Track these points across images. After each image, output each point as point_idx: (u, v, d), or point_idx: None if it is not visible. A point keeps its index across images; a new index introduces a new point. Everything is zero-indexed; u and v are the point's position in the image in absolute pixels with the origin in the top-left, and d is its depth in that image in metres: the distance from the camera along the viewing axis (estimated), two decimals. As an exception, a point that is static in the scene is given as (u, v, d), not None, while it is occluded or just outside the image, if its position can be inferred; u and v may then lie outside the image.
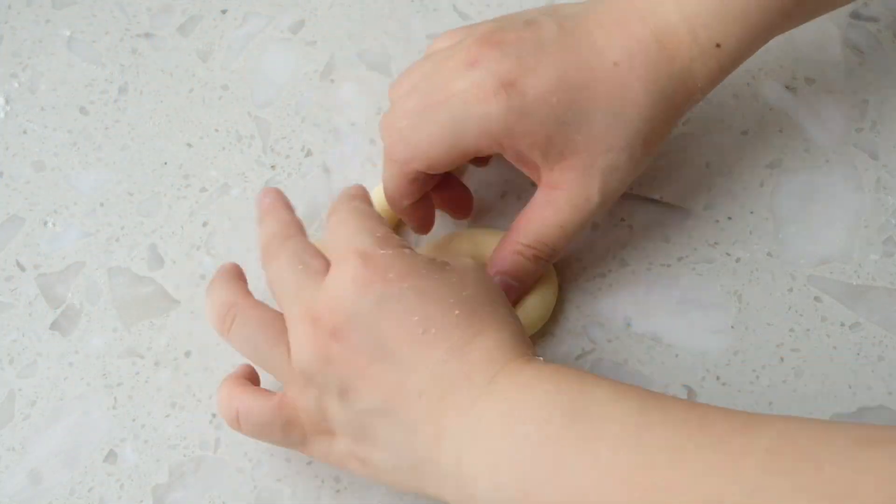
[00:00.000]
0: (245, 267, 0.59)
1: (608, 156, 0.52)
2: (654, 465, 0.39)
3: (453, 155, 0.52)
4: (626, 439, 0.40)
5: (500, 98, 0.50)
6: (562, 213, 0.53)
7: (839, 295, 0.58)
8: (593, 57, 0.51)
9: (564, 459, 0.41)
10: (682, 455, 0.39)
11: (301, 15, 0.66)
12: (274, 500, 0.54)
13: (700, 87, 0.53)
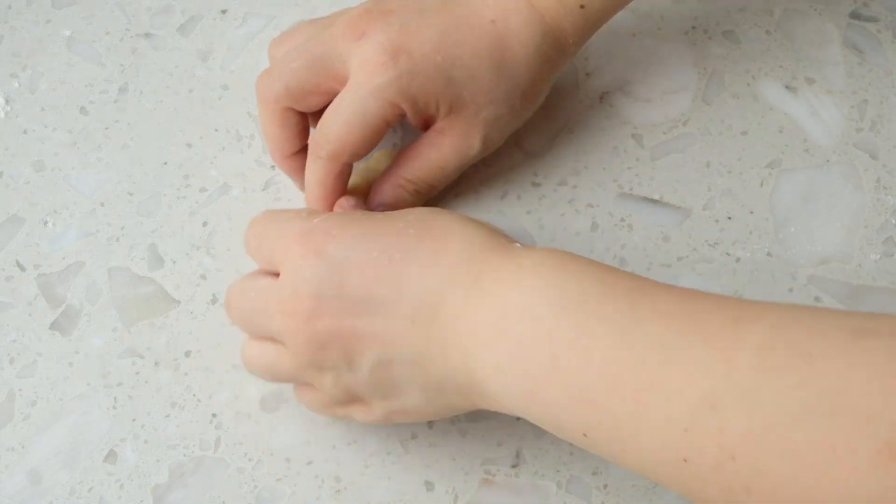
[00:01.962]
0: (245, 266, 0.59)
1: (490, 108, 0.55)
2: (645, 362, 0.39)
3: (368, 135, 0.54)
4: (616, 337, 0.40)
5: (388, 67, 0.53)
6: (445, 156, 0.56)
7: (839, 295, 0.58)
8: (471, 16, 0.54)
9: (559, 359, 0.41)
10: (673, 353, 0.39)
11: (301, 15, 0.66)
12: (274, 500, 0.54)
13: (572, 42, 0.56)
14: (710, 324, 0.39)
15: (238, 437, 0.55)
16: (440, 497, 0.54)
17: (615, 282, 0.43)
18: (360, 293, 0.46)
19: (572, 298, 0.42)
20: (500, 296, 0.43)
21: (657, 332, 0.40)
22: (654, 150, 0.62)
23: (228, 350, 0.57)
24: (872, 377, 0.35)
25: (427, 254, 0.46)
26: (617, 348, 0.40)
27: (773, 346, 0.37)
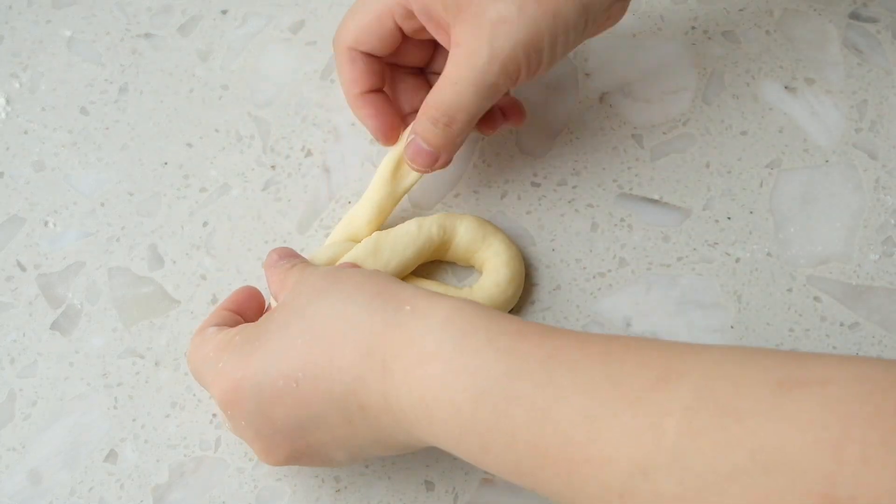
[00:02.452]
0: (245, 266, 0.59)
1: (497, 5, 0.51)
2: (573, 439, 0.38)
3: (372, 23, 0.54)
4: (538, 415, 0.39)
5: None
6: (454, 67, 0.52)
7: (839, 295, 0.58)
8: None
9: (488, 443, 0.41)
10: (600, 424, 0.38)
11: (301, 15, 0.66)
12: (274, 499, 0.54)
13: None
14: (634, 387, 0.38)
15: (238, 437, 0.55)
16: (440, 497, 0.54)
17: (527, 352, 0.41)
18: (291, 420, 0.46)
19: (485, 383, 0.41)
20: (414, 387, 0.43)
21: (581, 405, 0.38)
22: (654, 150, 0.62)
23: (228, 350, 0.57)
24: (803, 430, 0.34)
25: (324, 363, 0.45)
26: (541, 428, 0.39)
27: (699, 408, 0.36)
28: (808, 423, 0.34)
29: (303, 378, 0.45)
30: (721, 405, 0.36)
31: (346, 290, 0.46)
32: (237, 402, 0.47)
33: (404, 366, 0.43)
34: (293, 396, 0.45)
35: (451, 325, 0.43)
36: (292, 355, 0.46)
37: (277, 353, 0.46)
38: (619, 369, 0.39)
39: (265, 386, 0.46)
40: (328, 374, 0.45)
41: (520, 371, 0.40)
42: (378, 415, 0.44)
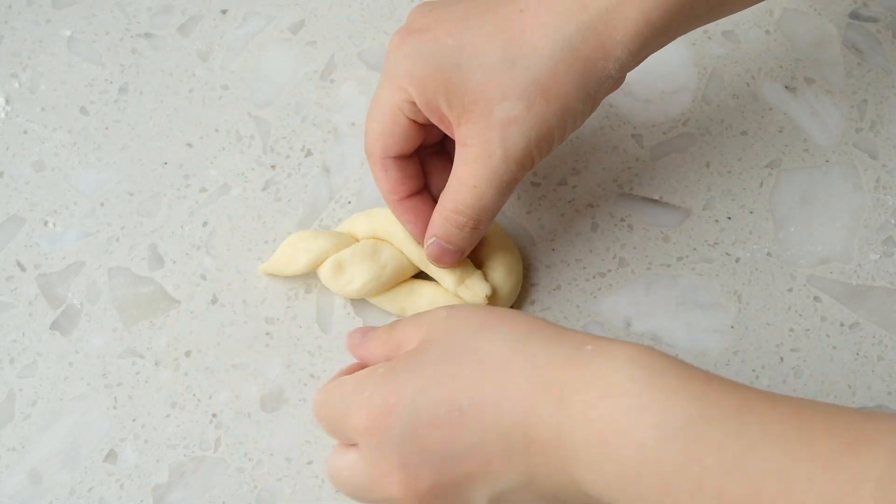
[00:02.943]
0: (245, 266, 0.59)
1: (504, 105, 0.50)
2: (760, 495, 0.37)
3: (388, 125, 0.53)
4: (728, 465, 0.38)
5: (400, 45, 0.51)
6: (471, 170, 0.51)
7: (839, 295, 0.58)
8: (501, 3, 0.51)
9: (669, 485, 0.39)
10: (792, 483, 0.37)
11: (301, 15, 0.66)
12: (274, 500, 0.54)
13: (620, 41, 0.49)
14: (826, 448, 0.37)
15: (238, 437, 0.55)
16: (440, 497, 0.54)
17: (718, 398, 0.40)
18: (445, 450, 0.44)
19: (674, 422, 0.39)
20: (594, 420, 0.41)
21: (772, 458, 0.38)
22: (654, 150, 0.62)
23: (228, 350, 0.57)
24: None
25: (495, 392, 0.43)
26: (730, 477, 0.38)
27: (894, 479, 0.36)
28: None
29: (468, 406, 0.43)
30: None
31: (520, 328, 0.45)
32: (388, 427, 0.45)
33: (586, 399, 0.41)
34: (453, 424, 0.44)
35: (640, 364, 0.41)
36: (458, 381, 0.44)
37: (438, 379, 0.44)
38: (809, 428, 0.38)
39: (423, 410, 0.44)
40: (497, 404, 0.43)
41: (711, 416, 0.39)
42: (544, 450, 0.42)
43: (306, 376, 0.56)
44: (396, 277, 0.56)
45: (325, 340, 0.57)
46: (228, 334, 0.57)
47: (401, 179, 0.54)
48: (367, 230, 0.57)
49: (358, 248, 0.56)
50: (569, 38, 0.49)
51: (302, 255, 0.56)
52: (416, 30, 0.52)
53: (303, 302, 0.58)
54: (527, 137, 0.50)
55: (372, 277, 0.56)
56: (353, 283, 0.56)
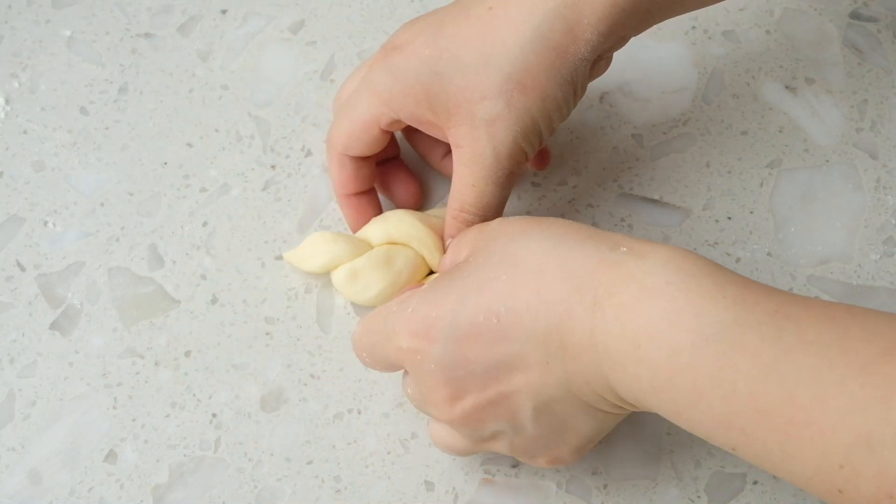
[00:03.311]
0: (244, 266, 0.59)
1: (484, 104, 0.51)
2: (796, 398, 0.37)
3: (358, 130, 0.55)
4: (762, 369, 0.38)
5: (379, 62, 0.53)
6: (468, 170, 0.53)
7: (839, 295, 0.58)
8: (474, 5, 0.52)
9: (702, 389, 0.39)
10: (825, 388, 0.37)
11: (301, 15, 0.66)
12: (274, 500, 0.54)
13: (588, 24, 0.50)
14: (861, 354, 0.37)
15: (238, 437, 0.55)
16: (440, 497, 0.54)
17: (754, 304, 0.40)
18: (487, 359, 0.45)
19: (709, 326, 0.39)
20: (628, 323, 0.41)
21: (807, 364, 0.38)
22: (654, 150, 0.62)
23: (228, 350, 0.57)
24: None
25: (530, 295, 0.43)
26: (764, 382, 0.38)
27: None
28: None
29: (504, 312, 0.44)
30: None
31: (554, 231, 0.45)
32: (430, 341, 0.45)
33: (619, 301, 0.41)
34: (493, 332, 0.44)
35: (675, 267, 0.41)
36: (494, 288, 0.44)
37: (477, 288, 0.45)
38: (845, 334, 0.38)
39: (462, 321, 0.45)
40: (533, 308, 0.43)
41: (747, 321, 0.39)
42: (578, 354, 0.43)
43: (306, 376, 0.56)
44: (411, 282, 0.56)
45: (325, 340, 0.57)
46: (228, 334, 0.57)
47: (353, 177, 0.57)
48: (381, 236, 0.57)
49: (372, 256, 0.56)
50: (537, 27, 0.50)
51: (319, 256, 0.57)
52: (396, 47, 0.53)
53: (303, 302, 0.58)
54: (513, 133, 0.51)
55: (388, 285, 0.56)
56: (369, 292, 0.56)
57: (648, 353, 0.40)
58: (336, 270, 0.56)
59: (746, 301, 0.40)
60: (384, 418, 0.55)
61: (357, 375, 0.56)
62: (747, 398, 0.38)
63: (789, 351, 0.38)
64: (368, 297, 0.56)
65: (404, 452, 0.55)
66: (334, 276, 0.57)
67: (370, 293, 0.56)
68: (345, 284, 0.56)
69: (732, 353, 0.39)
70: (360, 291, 0.56)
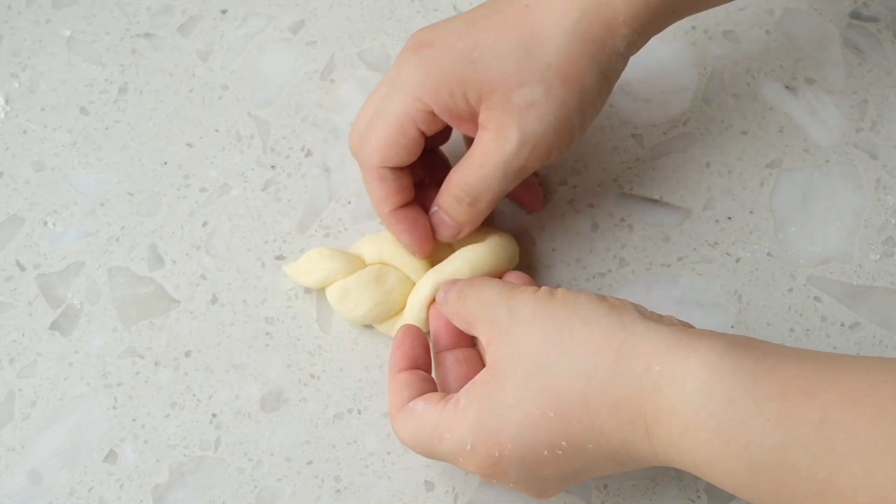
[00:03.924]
0: (244, 266, 0.59)
1: (523, 90, 0.51)
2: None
3: (395, 135, 0.53)
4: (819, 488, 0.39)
5: (407, 60, 0.53)
6: (482, 151, 0.52)
7: (839, 295, 0.58)
8: (507, 4, 0.52)
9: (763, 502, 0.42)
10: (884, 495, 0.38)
11: (301, 15, 0.66)
12: (274, 500, 0.54)
13: (623, 21, 0.51)
14: None
15: (238, 437, 0.55)
16: (440, 497, 0.54)
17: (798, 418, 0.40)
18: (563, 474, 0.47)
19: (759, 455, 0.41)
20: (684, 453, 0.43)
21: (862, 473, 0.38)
22: (654, 150, 0.62)
23: (228, 350, 0.57)
24: None
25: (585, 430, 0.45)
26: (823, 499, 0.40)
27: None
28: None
29: (567, 446, 0.46)
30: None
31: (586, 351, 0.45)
32: (502, 474, 0.47)
33: (669, 433, 0.43)
34: (560, 459, 0.46)
35: (710, 393, 0.42)
36: (550, 428, 0.46)
37: (532, 428, 0.46)
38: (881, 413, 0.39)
39: (528, 458, 0.46)
40: (593, 439, 0.45)
41: (795, 442, 0.40)
42: (651, 461, 0.45)
43: (306, 376, 0.56)
44: (403, 303, 0.56)
45: (325, 340, 0.57)
46: (228, 334, 0.57)
47: (395, 189, 0.55)
48: (374, 254, 0.57)
49: (364, 275, 0.56)
50: (576, 21, 0.51)
51: (316, 272, 0.57)
52: (424, 44, 0.53)
53: (303, 302, 0.58)
54: (545, 122, 0.52)
55: (376, 304, 0.56)
56: (358, 310, 0.56)
57: (710, 474, 0.43)
58: (330, 287, 0.57)
59: (789, 418, 0.40)
60: (384, 418, 0.55)
61: (357, 375, 0.56)
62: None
63: (841, 464, 0.39)
64: (358, 314, 0.56)
65: (404, 452, 0.55)
66: (328, 293, 0.57)
67: (359, 311, 0.56)
68: (337, 301, 0.56)
69: (786, 478, 0.40)
70: (351, 309, 0.56)
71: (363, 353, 0.57)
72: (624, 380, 0.44)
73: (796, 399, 0.40)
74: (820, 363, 0.41)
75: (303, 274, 0.57)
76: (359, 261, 0.57)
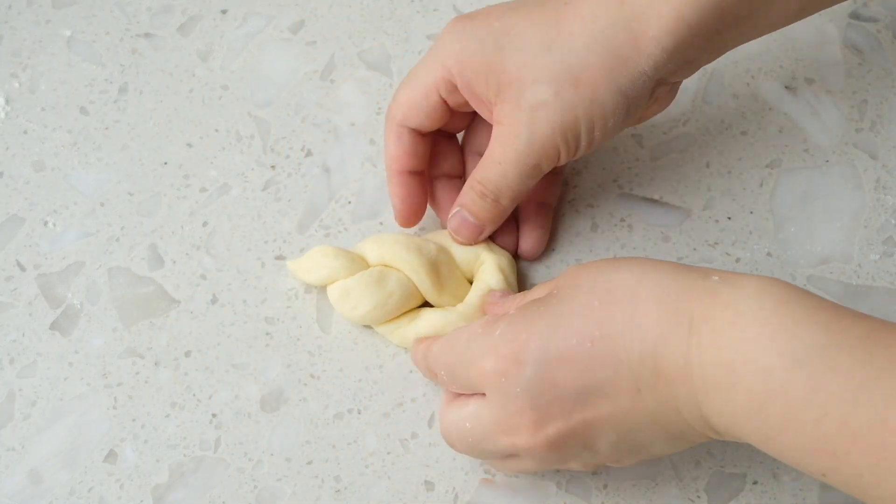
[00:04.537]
0: (244, 266, 0.59)
1: (535, 88, 0.51)
2: (886, 422, 0.38)
3: (418, 96, 0.54)
4: (853, 392, 0.39)
5: (453, 27, 0.53)
6: (498, 146, 0.53)
7: (839, 295, 0.58)
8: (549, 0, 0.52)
9: (794, 412, 0.40)
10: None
11: (301, 15, 0.66)
12: (274, 500, 0.54)
13: (653, 37, 0.50)
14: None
15: (238, 437, 0.55)
16: (440, 497, 0.54)
17: (845, 328, 0.41)
18: (577, 385, 0.45)
19: (802, 349, 0.40)
20: (722, 347, 0.42)
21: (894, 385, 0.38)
22: (654, 150, 0.62)
23: (228, 350, 0.57)
24: None
25: (625, 320, 0.44)
26: (855, 404, 0.39)
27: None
28: None
29: (599, 337, 0.44)
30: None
31: (643, 263, 0.46)
32: (519, 365, 0.45)
33: (715, 327, 0.42)
34: (585, 357, 0.44)
35: (768, 294, 0.42)
36: (588, 314, 0.45)
37: (570, 315, 0.45)
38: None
39: (554, 345, 0.45)
40: (628, 332, 0.44)
41: (839, 344, 0.40)
42: (672, 380, 0.43)
43: (306, 376, 0.56)
44: (403, 306, 0.56)
45: (325, 340, 0.57)
46: (228, 334, 0.57)
47: (408, 152, 0.56)
48: (376, 256, 0.57)
49: (365, 276, 0.56)
50: (603, 29, 0.50)
51: (318, 270, 0.56)
52: (471, 16, 0.54)
53: (303, 302, 0.58)
54: (552, 123, 0.51)
55: (376, 305, 0.56)
56: (358, 310, 0.56)
57: (743, 377, 0.41)
58: (331, 286, 0.57)
59: (838, 325, 0.41)
60: (384, 418, 0.55)
61: (357, 375, 0.56)
62: (839, 421, 0.39)
63: (880, 374, 0.39)
64: (358, 314, 0.56)
65: (404, 452, 0.55)
66: (329, 292, 0.57)
67: (359, 311, 0.56)
68: (337, 300, 0.56)
69: (824, 375, 0.40)
70: (351, 309, 0.56)
71: (363, 353, 0.57)
72: (679, 280, 0.44)
73: (847, 316, 0.41)
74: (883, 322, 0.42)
75: (306, 271, 0.57)
76: (361, 261, 0.57)
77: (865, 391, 0.39)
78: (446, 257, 0.57)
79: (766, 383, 0.40)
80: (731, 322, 0.42)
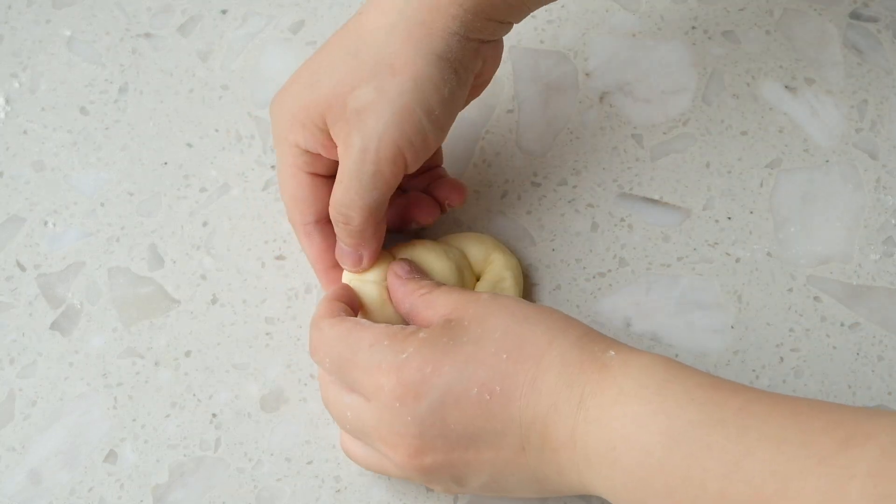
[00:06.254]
0: (244, 266, 0.59)
1: (355, 94, 0.49)
2: (761, 495, 0.39)
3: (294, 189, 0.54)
4: (729, 467, 0.40)
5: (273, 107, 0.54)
6: (341, 166, 0.51)
7: (839, 295, 0.58)
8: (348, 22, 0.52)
9: (672, 489, 0.41)
10: (787, 483, 0.39)
11: (301, 15, 0.66)
12: (274, 500, 0.54)
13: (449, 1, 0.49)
14: (821, 445, 0.39)
15: (238, 437, 0.55)
16: (440, 497, 0.54)
17: (722, 403, 0.42)
18: (466, 430, 0.46)
19: (678, 428, 0.42)
20: (605, 425, 0.43)
21: (770, 459, 0.39)
22: (654, 150, 0.62)
23: (228, 350, 0.57)
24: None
25: (526, 382, 0.45)
26: (731, 479, 0.40)
27: (883, 474, 0.37)
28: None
29: (499, 392, 0.45)
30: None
31: (557, 321, 0.47)
32: (416, 397, 0.45)
33: (601, 403, 0.44)
34: (482, 407, 0.45)
35: (652, 373, 0.44)
36: (495, 365, 0.45)
37: (477, 362, 0.46)
38: (806, 428, 0.40)
39: (455, 389, 0.45)
40: (526, 395, 0.45)
41: (714, 421, 0.41)
42: (557, 448, 0.45)
43: (306, 376, 0.56)
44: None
45: (325, 340, 0.57)
46: (228, 334, 0.57)
47: (326, 247, 0.54)
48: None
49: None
50: (401, 10, 0.49)
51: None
52: (279, 92, 0.54)
53: (303, 302, 0.58)
54: (383, 119, 0.49)
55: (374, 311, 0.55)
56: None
57: (622, 454, 0.43)
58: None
59: (713, 401, 0.42)
60: (384, 418, 0.55)
61: (357, 375, 0.56)
62: (716, 496, 0.40)
63: (752, 448, 0.40)
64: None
65: (404, 452, 0.55)
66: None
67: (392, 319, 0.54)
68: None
69: (700, 452, 0.41)
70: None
71: (363, 353, 0.57)
72: (583, 350, 0.45)
73: (724, 391, 0.43)
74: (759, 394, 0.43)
75: None
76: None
77: (739, 466, 0.40)
78: (465, 261, 0.57)
79: (645, 461, 0.42)
80: (615, 400, 0.43)
